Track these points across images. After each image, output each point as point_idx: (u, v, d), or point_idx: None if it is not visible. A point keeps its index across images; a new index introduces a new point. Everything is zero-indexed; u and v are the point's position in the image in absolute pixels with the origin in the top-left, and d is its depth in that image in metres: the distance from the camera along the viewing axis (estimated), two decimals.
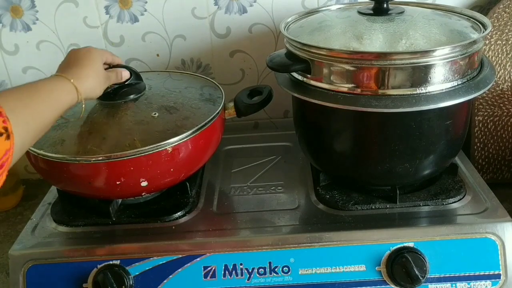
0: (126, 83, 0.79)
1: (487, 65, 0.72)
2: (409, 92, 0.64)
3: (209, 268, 0.69)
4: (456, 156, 0.80)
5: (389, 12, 0.73)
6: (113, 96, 0.78)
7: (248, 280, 0.69)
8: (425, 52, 0.63)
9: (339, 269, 0.69)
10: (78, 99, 0.66)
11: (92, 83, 0.69)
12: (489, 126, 0.93)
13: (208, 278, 0.69)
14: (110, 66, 0.77)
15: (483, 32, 0.68)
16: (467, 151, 0.92)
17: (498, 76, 0.91)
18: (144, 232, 0.73)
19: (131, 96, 0.79)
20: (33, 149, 0.70)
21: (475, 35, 0.68)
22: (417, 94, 0.64)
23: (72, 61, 0.70)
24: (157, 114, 0.75)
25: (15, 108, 0.54)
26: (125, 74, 0.78)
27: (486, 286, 0.69)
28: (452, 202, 0.74)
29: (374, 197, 0.76)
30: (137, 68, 0.84)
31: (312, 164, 0.84)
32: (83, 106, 0.68)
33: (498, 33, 0.90)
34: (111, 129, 0.73)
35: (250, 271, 0.69)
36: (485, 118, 0.93)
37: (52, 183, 0.80)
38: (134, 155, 0.68)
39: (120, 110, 0.77)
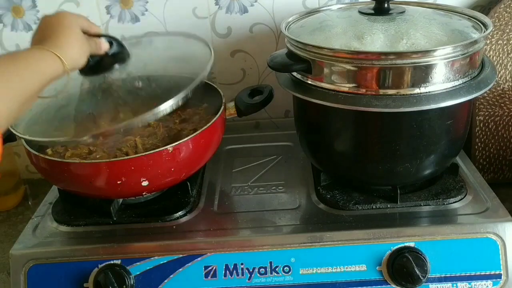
0: (110, 53, 0.73)
1: (488, 64, 0.72)
2: (410, 92, 0.64)
3: (210, 268, 0.69)
4: (457, 156, 0.80)
5: (390, 12, 0.73)
6: (96, 68, 0.72)
7: (249, 280, 0.70)
8: (426, 52, 0.63)
9: (340, 269, 0.69)
10: (64, 69, 0.60)
11: (76, 51, 0.63)
12: (490, 126, 0.93)
13: (209, 277, 0.69)
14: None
15: (484, 32, 0.68)
16: (468, 151, 0.92)
17: (499, 76, 0.91)
18: (145, 232, 0.73)
19: (116, 66, 0.73)
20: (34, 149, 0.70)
21: (476, 35, 0.68)
22: (418, 94, 0.64)
23: (49, 30, 0.63)
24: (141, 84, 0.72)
25: None
26: (105, 46, 0.71)
27: (487, 286, 0.69)
28: (453, 202, 0.74)
29: (375, 197, 0.76)
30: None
31: (313, 163, 0.84)
32: (69, 77, 0.62)
33: (499, 32, 0.90)
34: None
35: (251, 270, 0.69)
36: (486, 117, 0.93)
37: (53, 182, 0.80)
38: (134, 154, 0.68)
39: (112, 88, 0.73)
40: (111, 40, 0.73)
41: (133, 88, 0.72)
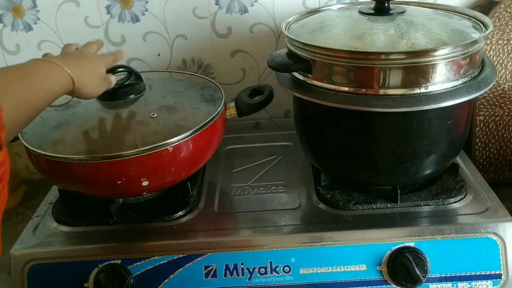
0: (126, 83, 0.79)
1: (488, 64, 0.71)
2: (410, 92, 0.64)
3: (210, 268, 0.69)
4: (457, 156, 0.80)
5: (390, 12, 0.73)
6: (113, 96, 0.78)
7: (249, 279, 0.70)
8: (426, 52, 0.63)
9: (340, 268, 0.69)
10: (73, 89, 0.61)
11: (89, 79, 0.65)
12: (490, 126, 0.93)
13: (209, 277, 0.69)
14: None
15: (484, 31, 0.68)
16: (468, 151, 0.92)
17: (499, 75, 0.91)
18: (145, 232, 0.73)
19: (131, 96, 0.79)
20: (34, 148, 0.70)
21: (476, 35, 0.68)
22: (418, 93, 0.64)
23: (73, 53, 0.68)
24: (155, 115, 0.75)
25: (6, 90, 0.52)
26: (113, 82, 0.74)
27: (487, 286, 0.69)
28: (453, 202, 0.74)
29: (375, 197, 0.76)
30: (138, 68, 0.84)
31: (313, 163, 0.84)
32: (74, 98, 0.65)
33: (499, 32, 0.90)
34: (112, 129, 0.74)
35: (251, 270, 0.69)
36: (486, 117, 0.93)
37: (53, 182, 0.80)
38: (135, 154, 0.68)
39: (121, 110, 0.77)
40: (131, 71, 0.80)
41: (147, 117, 0.75)
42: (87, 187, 0.72)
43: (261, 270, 0.69)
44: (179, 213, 0.76)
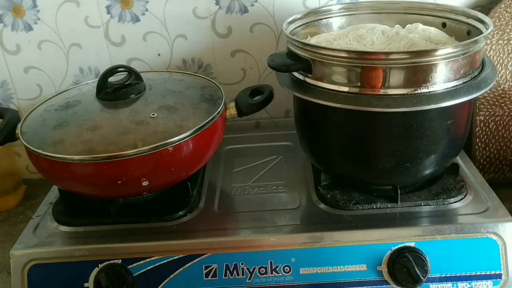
0: (126, 83, 0.79)
1: (489, 64, 0.71)
2: (410, 92, 0.64)
3: (210, 268, 0.69)
4: (457, 156, 0.79)
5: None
6: (113, 96, 0.78)
7: (249, 279, 0.70)
8: (427, 52, 0.63)
9: (340, 268, 0.69)
10: None
11: None
12: (490, 126, 0.93)
13: (209, 277, 0.69)
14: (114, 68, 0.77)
15: (485, 31, 0.68)
16: (468, 151, 0.92)
17: (499, 75, 0.91)
18: (145, 232, 0.73)
19: (131, 96, 0.79)
20: (34, 148, 0.70)
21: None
22: (418, 93, 0.64)
23: None
24: (155, 115, 0.75)
25: None
26: None
27: (487, 286, 0.69)
28: (453, 202, 0.74)
29: (375, 197, 0.76)
30: (138, 68, 0.84)
31: (313, 163, 0.84)
32: None
33: (500, 32, 0.90)
34: (113, 129, 0.74)
35: (251, 270, 0.69)
36: (487, 117, 0.93)
37: (53, 182, 0.80)
38: (135, 154, 0.68)
39: (121, 110, 0.77)
40: (130, 71, 0.80)
41: (147, 117, 0.75)
42: (87, 187, 0.72)
43: (261, 270, 0.69)
44: (179, 213, 0.76)
